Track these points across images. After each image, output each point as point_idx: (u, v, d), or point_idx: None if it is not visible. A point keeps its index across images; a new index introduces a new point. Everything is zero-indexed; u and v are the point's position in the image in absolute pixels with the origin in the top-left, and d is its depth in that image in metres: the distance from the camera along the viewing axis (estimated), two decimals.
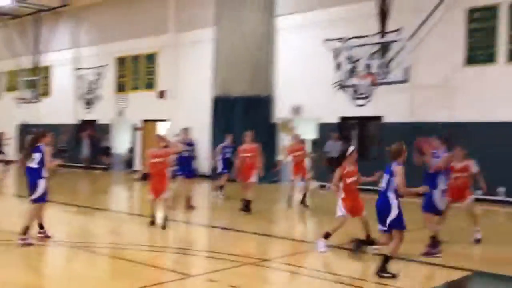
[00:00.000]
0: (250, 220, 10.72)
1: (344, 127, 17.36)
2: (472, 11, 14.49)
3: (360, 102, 16.67)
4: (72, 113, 25.66)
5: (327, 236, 7.71)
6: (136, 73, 23.41)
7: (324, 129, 17.00)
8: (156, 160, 9.45)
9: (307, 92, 17.67)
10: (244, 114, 19.18)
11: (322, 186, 16.14)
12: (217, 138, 19.56)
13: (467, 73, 14.50)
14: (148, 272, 6.60)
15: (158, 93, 22.35)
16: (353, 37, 16.53)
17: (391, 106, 15.80)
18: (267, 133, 18.65)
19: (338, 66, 16.88)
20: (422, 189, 6.79)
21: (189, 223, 10.68)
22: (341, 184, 7.74)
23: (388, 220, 6.19)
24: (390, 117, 15.92)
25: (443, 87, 14.89)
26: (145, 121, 22.81)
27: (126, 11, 23.37)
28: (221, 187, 14.23)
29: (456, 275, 6.63)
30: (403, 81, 14.12)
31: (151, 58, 22.84)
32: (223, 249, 7.83)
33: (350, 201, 7.69)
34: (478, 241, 8.40)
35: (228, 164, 14.22)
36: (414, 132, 15.07)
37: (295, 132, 14.07)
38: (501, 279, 6.63)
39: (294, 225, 11.35)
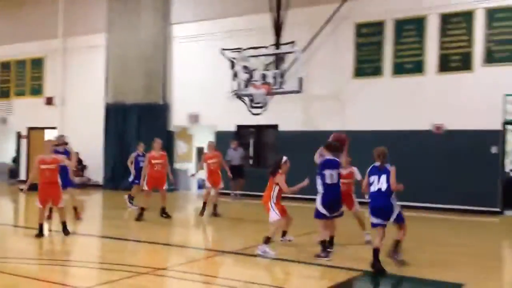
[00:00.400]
0: (148, 229, 10.41)
1: (241, 135, 17.54)
2: (360, 26, 15.29)
3: (256, 111, 16.91)
4: None
5: (267, 241, 7.82)
6: (22, 78, 22.06)
7: (222, 137, 17.03)
8: (45, 166, 8.90)
9: (204, 100, 17.65)
10: (139, 122, 18.81)
11: (226, 194, 16.02)
12: (109, 146, 18.96)
13: (356, 85, 15.25)
14: (34, 286, 6.14)
15: (45, 100, 21.19)
16: (249, 48, 16.78)
17: (286, 115, 16.22)
18: (163, 141, 18.29)
19: (235, 75, 17.05)
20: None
21: (79, 234, 10.15)
22: (276, 192, 8.18)
23: (393, 216, 7.11)
24: (285, 126, 16.32)
25: (334, 98, 15.55)
26: (32, 128, 21.50)
27: (11, 14, 21.98)
28: (132, 197, 13.59)
29: (347, 275, 6.84)
30: (297, 92, 14.54)
31: (38, 63, 21.66)
32: (117, 259, 7.50)
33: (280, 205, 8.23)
34: (368, 242, 8.77)
35: (140, 173, 13.68)
36: (308, 140, 15.66)
37: (210, 140, 13.91)
38: (390, 278, 6.94)
39: (198, 233, 11.19)
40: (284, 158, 8.45)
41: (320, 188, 7.88)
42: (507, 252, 9.77)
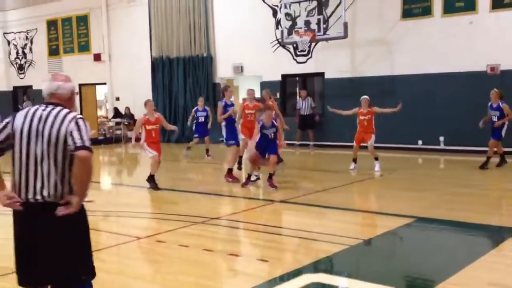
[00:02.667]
0: (202, 181, 10.65)
1: (287, 84, 17.40)
2: None
3: (301, 59, 16.70)
4: (4, 79, 24.46)
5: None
6: (69, 36, 22.41)
7: (267, 87, 16.90)
8: (150, 127, 9.53)
9: (248, 50, 17.49)
10: (184, 75, 18.94)
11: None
12: (158, 100, 19.20)
13: (404, 27, 14.71)
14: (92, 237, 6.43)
15: (93, 56, 21.54)
16: None
17: (332, 62, 15.91)
18: (210, 93, 18.47)
19: (278, 23, 16.79)
20: None
21: (137, 186, 10.48)
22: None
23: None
24: (331, 73, 16.04)
25: (381, 42, 15.09)
26: (82, 85, 21.99)
27: None
28: (188, 148, 14.56)
29: (396, 223, 6.82)
30: (343, 37, 14.19)
31: (83, 19, 21.88)
32: (173, 210, 7.74)
33: None
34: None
35: (201, 128, 14.41)
36: (355, 87, 15.40)
37: (250, 88, 13.17)
38: (440, 223, 6.88)
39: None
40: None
41: None
42: None
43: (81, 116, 3.34)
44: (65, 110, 3.31)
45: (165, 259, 5.62)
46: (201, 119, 14.48)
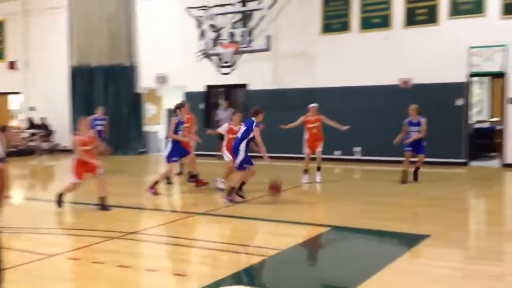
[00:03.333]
0: (118, 194, 10.39)
1: (211, 95, 17.42)
2: None
3: (225, 70, 16.77)
4: None
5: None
6: None
7: (191, 97, 16.87)
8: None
9: (172, 60, 17.38)
10: (105, 84, 18.52)
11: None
12: (76, 110, 18.64)
13: (324, 41, 15.18)
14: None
15: (8, 64, 20.58)
16: (215, 5, 16.49)
17: (255, 74, 16.13)
18: (132, 103, 18.20)
19: (202, 34, 16.78)
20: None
21: (46, 200, 10.08)
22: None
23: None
24: (255, 85, 16.24)
25: (303, 55, 15.49)
26: None
27: None
28: None
29: (315, 231, 6.98)
30: (265, 50, 14.42)
31: None
32: (86, 225, 7.51)
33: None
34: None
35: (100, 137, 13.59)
36: (277, 99, 15.70)
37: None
38: (359, 232, 7.13)
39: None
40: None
41: None
42: (473, 203, 10.09)
43: None
44: None
45: (78, 277, 5.43)
46: (100, 127, 13.72)
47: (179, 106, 10.19)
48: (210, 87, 17.29)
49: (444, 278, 5.04)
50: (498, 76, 13.62)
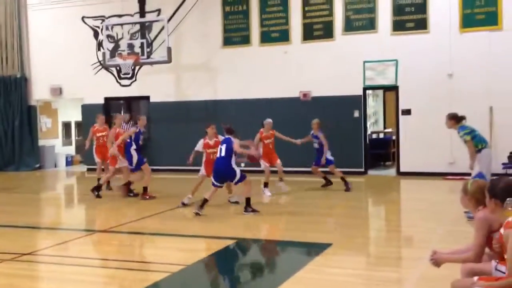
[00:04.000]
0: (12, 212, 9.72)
1: (111, 108, 16.89)
2: None
3: (125, 82, 16.39)
4: None
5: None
6: None
7: (89, 110, 16.25)
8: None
9: (68, 72, 16.67)
10: None
11: None
12: None
13: (225, 54, 15.29)
14: None
15: None
16: (113, 16, 16.10)
17: (157, 86, 15.89)
18: (24, 116, 17.22)
19: (100, 45, 16.29)
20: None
21: None
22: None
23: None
24: (157, 97, 15.98)
25: (204, 68, 15.50)
26: None
27: None
28: None
29: (219, 245, 6.96)
30: (166, 62, 14.27)
31: None
32: None
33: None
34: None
35: None
36: (180, 111, 15.55)
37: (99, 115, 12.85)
38: (263, 243, 7.19)
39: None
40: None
41: None
42: (371, 210, 10.56)
43: None
44: None
45: None
46: None
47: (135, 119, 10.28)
48: (109, 99, 16.77)
49: (346, 285, 5.20)
50: (391, 89, 14.44)
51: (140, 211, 9.55)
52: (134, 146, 10.53)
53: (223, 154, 8.70)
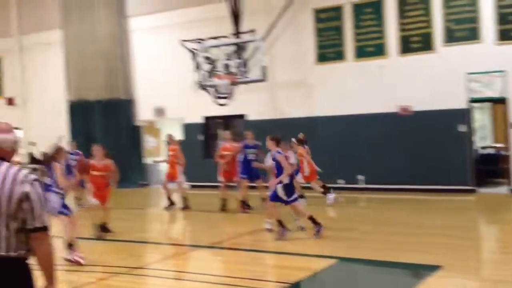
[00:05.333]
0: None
1: (209, 127, 17.43)
2: (318, 11, 15.28)
3: (222, 101, 16.83)
4: None
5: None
6: None
7: (190, 129, 16.88)
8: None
9: (169, 93, 17.43)
10: (103, 119, 18.51)
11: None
12: (77, 144, 18.57)
13: (320, 70, 15.27)
14: None
15: (6, 100, 20.61)
16: (209, 38, 16.65)
17: (253, 104, 16.17)
18: (130, 136, 18.18)
19: (197, 66, 16.88)
20: None
21: None
22: None
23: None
24: (253, 115, 16.27)
25: (299, 85, 15.57)
26: None
27: None
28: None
29: (322, 263, 6.89)
30: (261, 80, 14.47)
31: None
32: (92, 260, 7.38)
33: None
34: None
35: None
36: (276, 128, 15.67)
37: (169, 134, 13.61)
38: (368, 263, 7.03)
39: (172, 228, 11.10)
40: None
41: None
42: (483, 231, 9.92)
43: (35, 176, 3.04)
44: (15, 168, 3.01)
45: None
46: (73, 162, 13.60)
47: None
48: (208, 118, 17.31)
49: None
50: (499, 101, 13.61)
51: (241, 227, 9.71)
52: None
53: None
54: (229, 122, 17.31)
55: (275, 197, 8.50)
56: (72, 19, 18.84)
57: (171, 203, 12.39)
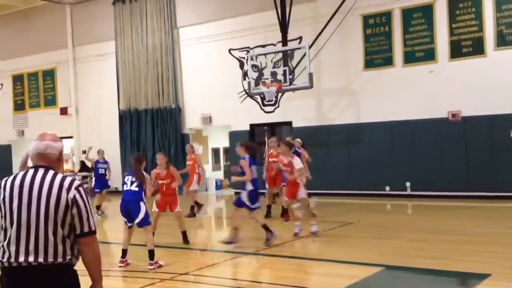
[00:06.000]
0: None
1: (256, 134, 17.55)
2: (366, 17, 15.15)
3: (269, 108, 16.93)
4: None
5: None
6: (35, 90, 22.29)
7: (236, 136, 17.01)
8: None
9: (216, 101, 17.68)
10: (153, 127, 18.95)
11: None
12: (126, 153, 19.08)
13: (367, 76, 15.12)
14: None
15: (60, 110, 21.42)
16: (257, 46, 16.81)
17: (299, 111, 16.16)
18: (179, 144, 18.51)
19: (245, 74, 17.07)
20: None
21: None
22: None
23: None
24: (299, 122, 16.26)
25: (346, 91, 15.46)
26: None
27: (20, 26, 22.15)
28: (98, 206, 13.28)
29: (367, 271, 6.80)
30: (308, 87, 14.46)
31: (49, 74, 21.86)
32: (137, 267, 7.55)
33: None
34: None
35: (101, 181, 13.73)
36: (322, 135, 15.63)
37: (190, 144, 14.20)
38: (415, 271, 6.89)
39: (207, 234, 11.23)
40: None
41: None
42: None
43: (80, 182, 3.12)
44: (60, 175, 3.08)
45: None
46: (101, 171, 13.87)
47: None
48: (254, 125, 17.43)
49: None
50: None
51: (284, 233, 9.71)
52: None
53: None
54: (276, 129, 17.37)
55: (239, 203, 8.56)
56: (124, 30, 19.45)
57: (199, 205, 12.61)
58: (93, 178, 14.07)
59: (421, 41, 14.38)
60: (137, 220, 7.42)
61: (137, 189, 7.49)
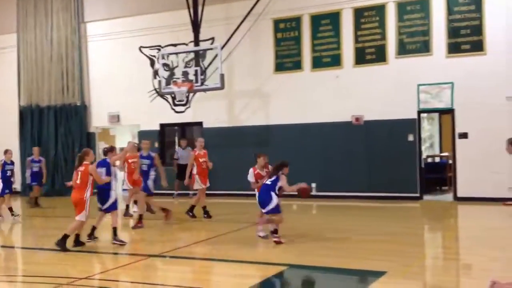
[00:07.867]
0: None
1: (165, 134, 17.30)
2: (277, 21, 15.43)
3: (180, 108, 16.77)
4: None
5: None
6: None
7: (145, 136, 16.64)
8: None
9: (125, 99, 17.23)
10: (56, 125, 18.15)
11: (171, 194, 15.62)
12: (27, 150, 18.12)
13: (278, 79, 15.40)
14: None
15: None
16: (168, 45, 16.60)
17: (210, 112, 16.15)
18: (84, 142, 17.84)
19: (155, 73, 16.77)
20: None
21: None
22: None
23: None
24: (210, 123, 16.23)
25: (257, 93, 15.65)
26: None
27: None
28: (35, 200, 14.34)
29: (271, 271, 6.90)
30: (220, 88, 14.48)
31: None
32: (32, 270, 7.17)
33: None
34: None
35: (36, 177, 14.57)
36: (233, 136, 15.72)
37: (130, 140, 13.68)
38: (315, 270, 7.09)
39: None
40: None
41: None
42: (427, 237, 10.17)
43: None
44: None
45: None
46: (36, 169, 14.70)
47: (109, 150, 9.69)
48: (164, 125, 17.18)
49: None
50: (447, 112, 14.08)
51: (193, 236, 9.65)
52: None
53: (268, 182, 8.78)
54: (186, 129, 17.22)
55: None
56: (27, 23, 18.52)
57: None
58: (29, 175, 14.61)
59: (328, 47, 14.86)
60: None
61: None
